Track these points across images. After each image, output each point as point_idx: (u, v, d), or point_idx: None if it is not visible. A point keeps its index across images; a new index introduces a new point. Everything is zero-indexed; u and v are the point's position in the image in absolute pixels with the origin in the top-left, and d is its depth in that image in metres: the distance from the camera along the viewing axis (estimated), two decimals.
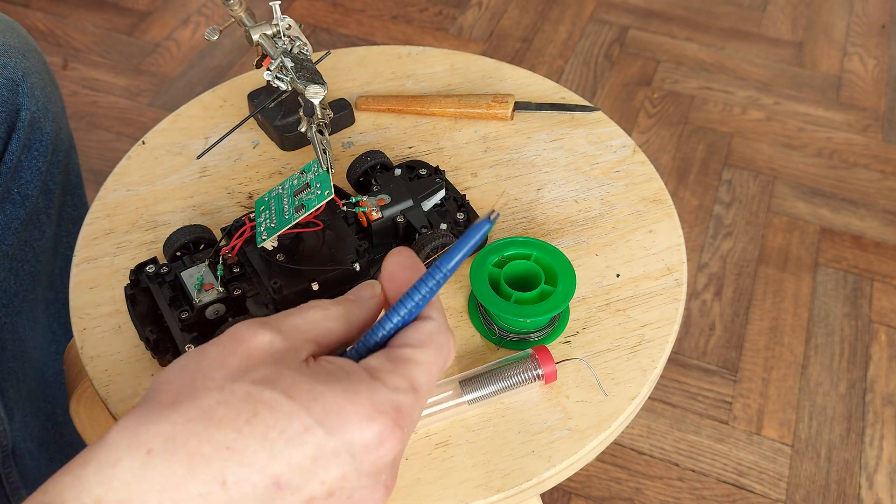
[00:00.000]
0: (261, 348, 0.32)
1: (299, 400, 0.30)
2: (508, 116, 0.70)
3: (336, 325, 0.35)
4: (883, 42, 1.83)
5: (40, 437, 0.79)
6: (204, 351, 0.33)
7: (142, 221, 0.62)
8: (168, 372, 0.33)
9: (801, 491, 1.13)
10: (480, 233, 0.34)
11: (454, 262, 0.34)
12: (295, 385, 0.31)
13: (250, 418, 0.30)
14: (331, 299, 0.37)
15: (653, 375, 0.54)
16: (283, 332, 0.33)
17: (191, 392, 0.31)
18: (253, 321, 0.34)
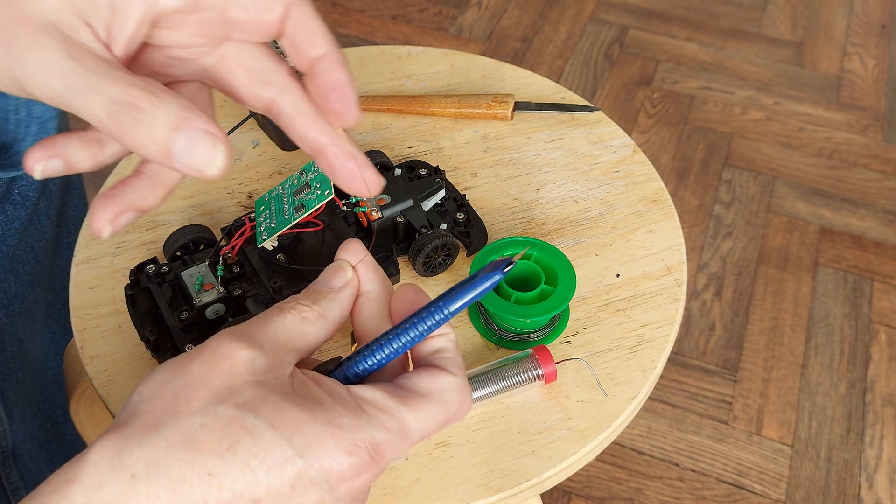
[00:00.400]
0: (243, 365, 0.31)
1: (282, 430, 0.30)
2: (508, 116, 0.70)
3: (314, 327, 0.34)
4: (883, 42, 1.83)
5: (40, 438, 0.79)
6: (186, 366, 0.32)
7: (142, 221, 0.62)
8: (149, 386, 0.32)
9: (801, 491, 1.13)
10: (490, 282, 0.33)
11: (458, 306, 0.33)
12: (278, 413, 0.30)
13: (233, 445, 0.30)
14: (303, 296, 0.36)
15: (653, 375, 0.54)
16: (264, 347, 0.32)
17: (174, 414, 0.30)
18: (233, 334, 0.32)
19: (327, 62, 0.33)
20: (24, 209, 0.70)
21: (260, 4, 0.32)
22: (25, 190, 0.70)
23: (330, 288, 0.36)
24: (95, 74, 0.28)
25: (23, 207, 0.70)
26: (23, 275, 0.72)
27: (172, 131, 0.29)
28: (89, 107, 0.28)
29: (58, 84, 0.28)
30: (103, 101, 0.28)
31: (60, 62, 0.28)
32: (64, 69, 0.28)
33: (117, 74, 0.28)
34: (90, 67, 0.28)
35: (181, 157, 0.29)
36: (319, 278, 0.37)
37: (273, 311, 0.34)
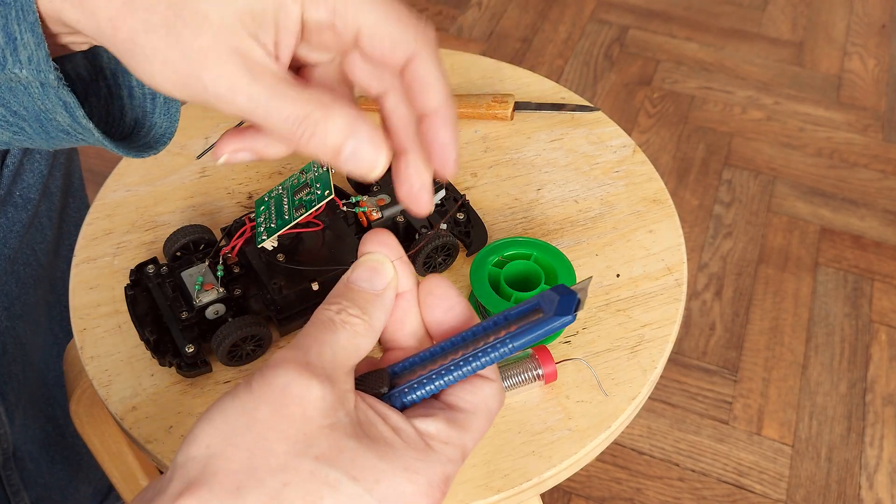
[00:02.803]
0: (315, 408, 0.30)
1: (362, 481, 0.30)
2: (508, 116, 0.70)
3: (365, 341, 0.33)
4: (883, 42, 1.83)
5: (41, 440, 0.79)
6: (254, 413, 0.30)
7: (142, 221, 0.62)
8: (215, 438, 0.30)
9: (802, 491, 1.13)
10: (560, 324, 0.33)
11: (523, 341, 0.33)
12: (356, 462, 0.30)
13: (316, 501, 0.29)
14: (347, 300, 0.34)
15: (653, 375, 0.54)
16: (329, 377, 0.31)
17: (254, 473, 0.29)
18: (296, 365, 0.31)
19: (436, 119, 0.35)
20: (26, 211, 0.70)
21: (386, 46, 0.33)
22: (26, 192, 0.70)
23: (373, 290, 0.34)
24: (276, 95, 0.32)
25: (24, 210, 0.70)
26: (24, 277, 0.72)
27: (342, 140, 0.33)
28: (271, 122, 0.32)
29: (244, 103, 0.32)
30: (284, 117, 0.32)
31: (247, 86, 0.32)
32: (250, 92, 0.32)
33: (294, 92, 0.32)
34: (271, 87, 0.32)
35: (349, 161, 0.33)
36: (355, 276, 0.35)
37: (324, 326, 0.33)
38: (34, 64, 0.34)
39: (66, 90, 0.35)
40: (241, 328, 0.51)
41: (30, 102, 0.36)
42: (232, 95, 0.32)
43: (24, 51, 0.34)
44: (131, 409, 0.52)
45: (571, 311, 0.32)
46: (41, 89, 0.35)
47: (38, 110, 0.37)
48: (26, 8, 0.33)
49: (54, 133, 0.38)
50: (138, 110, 0.41)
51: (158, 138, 0.42)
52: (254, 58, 0.32)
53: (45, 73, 0.34)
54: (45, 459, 0.79)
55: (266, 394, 0.30)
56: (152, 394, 0.52)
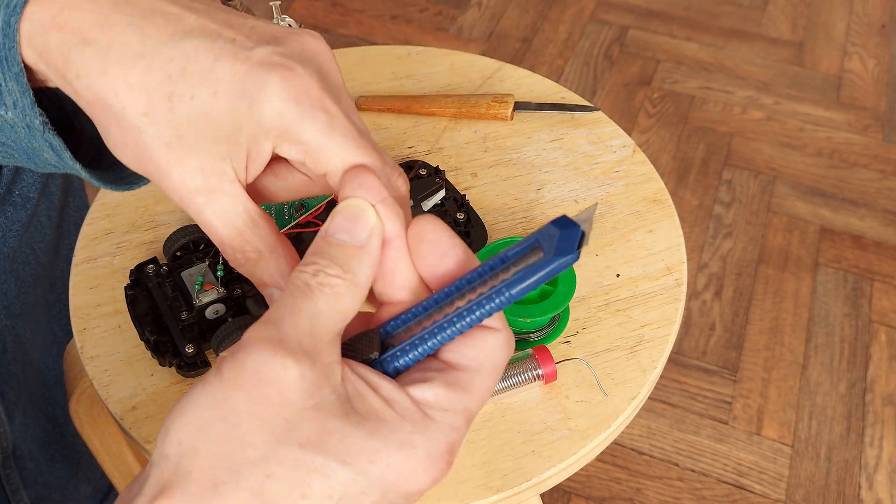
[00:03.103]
0: (295, 389, 0.27)
1: (354, 463, 0.27)
2: (508, 116, 0.70)
3: (348, 302, 0.30)
4: (883, 42, 1.83)
5: (41, 439, 0.79)
6: (227, 403, 0.27)
7: (142, 221, 0.62)
8: (186, 433, 0.27)
9: (801, 491, 1.13)
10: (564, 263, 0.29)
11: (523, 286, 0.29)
12: (346, 444, 0.27)
13: (305, 491, 0.27)
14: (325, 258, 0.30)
15: (653, 375, 0.54)
16: (308, 352, 0.28)
17: (232, 468, 0.27)
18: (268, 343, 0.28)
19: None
20: (25, 211, 0.70)
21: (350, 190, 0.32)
22: (26, 191, 0.70)
23: (354, 243, 0.30)
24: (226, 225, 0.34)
25: (23, 209, 0.70)
26: (23, 276, 0.72)
27: (262, 286, 0.35)
28: (215, 239, 0.35)
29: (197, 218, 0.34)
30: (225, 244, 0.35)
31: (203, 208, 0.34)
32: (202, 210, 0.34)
33: (242, 228, 0.34)
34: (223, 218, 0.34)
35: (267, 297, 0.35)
36: (333, 226, 0.31)
37: (299, 293, 0.29)
38: (19, 109, 0.34)
39: (52, 133, 0.35)
40: (241, 328, 0.51)
41: (17, 140, 0.36)
42: (185, 204, 0.34)
43: (10, 97, 0.34)
44: (131, 409, 0.52)
45: (574, 249, 0.28)
46: (27, 131, 0.35)
47: (26, 147, 0.37)
48: (10, 59, 0.33)
49: (43, 165, 0.38)
50: None
51: None
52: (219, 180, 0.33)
53: (30, 117, 0.35)
54: (45, 458, 0.79)
55: (237, 379, 0.27)
56: (152, 394, 0.52)
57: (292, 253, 0.35)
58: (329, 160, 0.33)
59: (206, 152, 0.33)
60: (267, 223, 0.35)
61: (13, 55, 0.33)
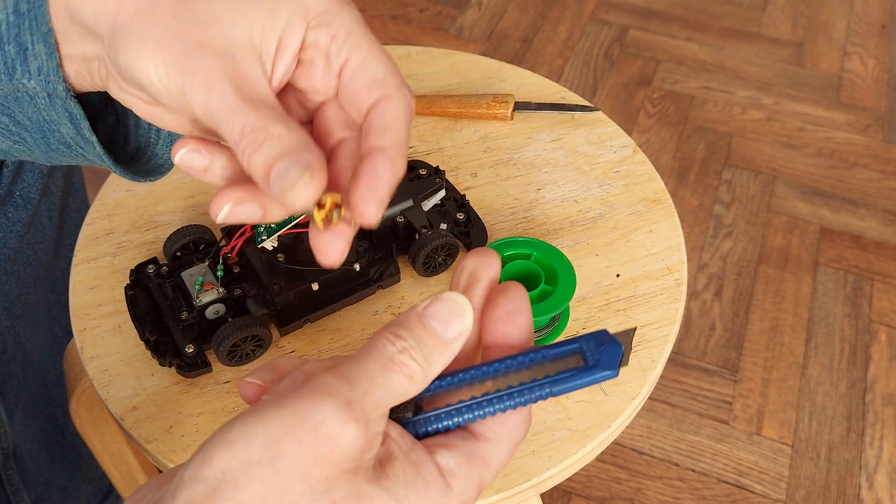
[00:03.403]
0: (345, 451, 0.28)
1: None
2: (508, 116, 0.70)
3: (415, 388, 0.30)
4: (883, 42, 1.83)
5: (41, 439, 0.79)
6: (280, 446, 0.28)
7: (142, 221, 0.62)
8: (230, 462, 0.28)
9: (801, 491, 1.13)
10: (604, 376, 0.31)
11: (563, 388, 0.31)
12: None
13: None
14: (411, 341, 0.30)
15: (653, 375, 0.54)
16: (367, 419, 0.29)
17: None
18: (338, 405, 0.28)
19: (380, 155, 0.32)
20: (26, 211, 0.70)
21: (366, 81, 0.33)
22: (27, 192, 0.70)
23: (443, 337, 0.31)
24: (251, 103, 0.31)
25: (24, 209, 0.70)
26: (24, 277, 0.72)
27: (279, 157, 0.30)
28: (228, 127, 0.31)
29: (215, 103, 0.31)
30: (241, 125, 0.30)
31: (225, 87, 0.31)
32: (224, 92, 0.31)
33: (267, 109, 0.31)
34: (248, 97, 0.31)
35: (273, 181, 0.30)
36: (431, 310, 0.31)
37: (383, 365, 0.30)
38: (43, 74, 0.34)
39: (74, 102, 0.35)
40: (241, 328, 0.51)
41: (34, 113, 0.36)
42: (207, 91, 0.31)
43: (35, 61, 0.34)
44: (131, 409, 0.52)
45: (616, 366, 0.30)
46: (48, 100, 0.35)
47: (42, 121, 0.36)
48: (40, 19, 0.33)
49: (55, 145, 0.38)
50: (142, 140, 0.42)
51: (157, 168, 0.42)
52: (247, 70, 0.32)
53: (53, 84, 0.34)
54: (45, 458, 0.79)
55: (297, 426, 0.28)
56: (152, 394, 0.52)
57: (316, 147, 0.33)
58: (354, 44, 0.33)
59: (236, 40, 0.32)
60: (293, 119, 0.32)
61: (42, 14, 0.33)
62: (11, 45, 0.33)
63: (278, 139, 0.30)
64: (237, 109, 0.31)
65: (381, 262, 0.57)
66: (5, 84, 0.34)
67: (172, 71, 0.31)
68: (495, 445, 0.31)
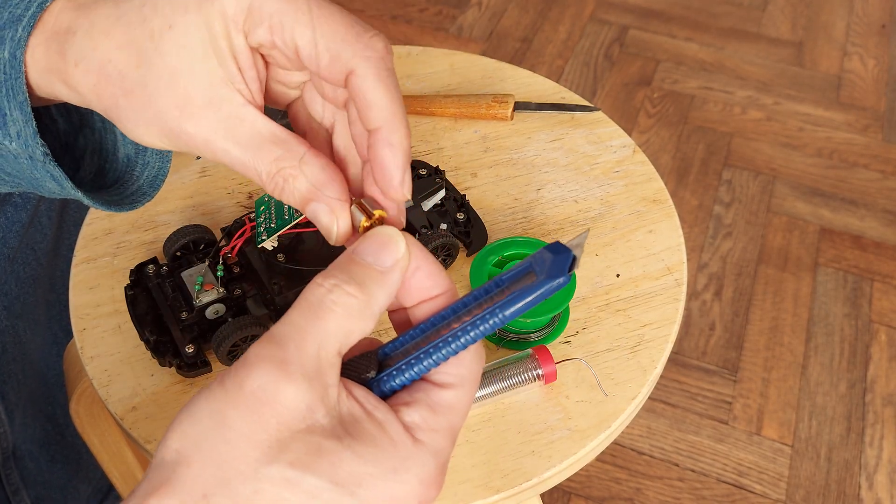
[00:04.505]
0: (291, 411, 0.28)
1: (344, 486, 0.28)
2: (508, 116, 0.70)
3: (359, 324, 0.30)
4: (883, 42, 1.83)
5: (41, 439, 0.79)
6: (224, 419, 0.28)
7: (142, 221, 0.62)
8: (182, 442, 0.28)
9: (801, 491, 1.13)
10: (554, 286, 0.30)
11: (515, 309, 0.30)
12: (337, 466, 0.28)
13: None
14: (345, 275, 0.30)
15: (653, 375, 0.54)
16: (309, 375, 0.28)
17: (222, 482, 0.27)
18: (270, 364, 0.28)
19: (376, 138, 0.34)
20: (25, 211, 0.70)
21: (323, 63, 0.33)
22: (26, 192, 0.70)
23: (378, 267, 0.31)
24: (250, 150, 0.33)
25: (24, 209, 0.70)
26: (24, 276, 0.72)
27: (305, 201, 0.34)
28: (251, 173, 0.33)
29: (224, 158, 0.33)
30: (260, 172, 0.33)
31: (223, 143, 0.33)
32: (225, 148, 0.33)
33: (266, 148, 0.33)
34: (244, 144, 0.33)
35: (312, 218, 0.34)
36: (361, 248, 0.31)
37: (311, 312, 0.29)
38: (22, 139, 0.35)
39: (53, 164, 0.36)
40: (241, 328, 0.51)
41: (20, 171, 0.37)
42: (211, 149, 0.33)
43: (14, 126, 0.35)
44: (131, 409, 0.52)
45: (565, 272, 0.29)
46: (30, 162, 0.36)
47: (29, 177, 0.38)
48: (16, 88, 0.34)
49: (48, 193, 0.39)
50: (130, 146, 0.42)
51: (150, 181, 0.43)
52: (230, 109, 0.33)
53: (32, 147, 0.35)
54: (45, 458, 0.79)
55: (237, 397, 0.28)
56: (152, 394, 0.52)
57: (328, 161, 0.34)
58: (293, 29, 0.33)
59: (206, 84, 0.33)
60: (293, 136, 0.34)
61: (19, 85, 0.34)
62: None
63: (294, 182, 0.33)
64: (246, 161, 0.33)
65: None
66: None
67: (174, 141, 0.34)
68: (459, 389, 0.31)
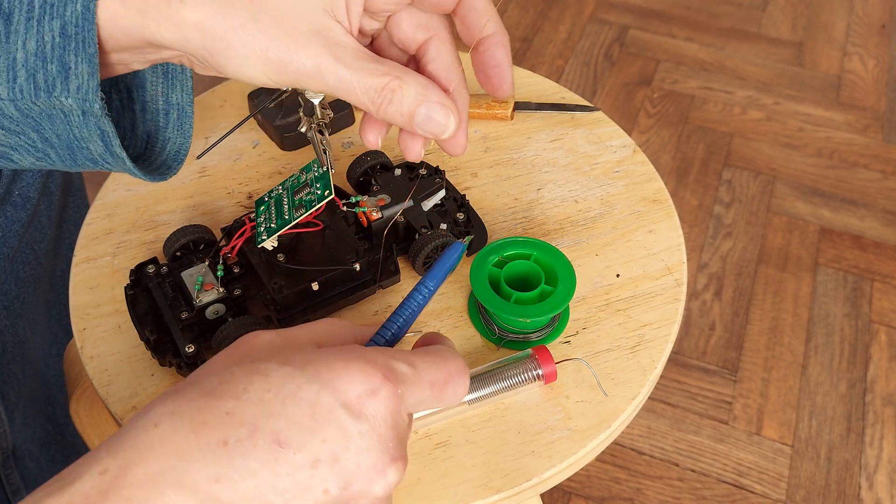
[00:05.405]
0: (261, 344, 0.35)
1: (293, 363, 0.32)
2: (508, 116, 0.70)
3: (341, 332, 0.36)
4: (883, 42, 1.83)
5: (41, 438, 0.79)
6: (214, 357, 0.35)
7: (142, 221, 0.62)
8: (189, 377, 0.35)
9: (801, 491, 1.13)
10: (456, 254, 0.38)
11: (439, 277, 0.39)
12: (290, 354, 0.33)
13: (247, 387, 0.32)
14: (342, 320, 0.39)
15: (653, 375, 0.54)
16: (283, 335, 0.35)
17: (195, 381, 0.33)
18: (258, 330, 0.36)
19: (492, 43, 0.40)
20: (25, 210, 0.70)
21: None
22: (26, 191, 0.70)
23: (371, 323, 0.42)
24: (357, 70, 0.36)
25: (23, 208, 0.70)
26: (23, 276, 0.72)
27: (416, 106, 0.37)
28: (355, 95, 0.36)
29: (332, 81, 0.36)
30: (365, 89, 0.36)
31: (332, 65, 0.36)
32: (335, 70, 0.36)
33: (372, 66, 0.36)
34: (352, 64, 0.36)
35: (422, 125, 0.38)
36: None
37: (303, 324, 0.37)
38: (82, 93, 0.35)
39: (107, 120, 0.36)
40: (241, 328, 0.51)
41: (65, 131, 0.37)
42: (321, 75, 0.36)
43: (76, 80, 0.35)
44: (131, 409, 0.52)
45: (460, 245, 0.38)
46: (81, 118, 0.36)
47: (71, 138, 0.37)
48: (88, 41, 0.34)
49: (81, 161, 0.39)
50: (150, 124, 0.42)
51: (174, 156, 0.43)
52: (334, 37, 0.36)
53: (91, 102, 0.35)
54: (45, 458, 0.79)
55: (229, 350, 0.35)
56: (152, 394, 0.52)
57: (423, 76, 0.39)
58: None
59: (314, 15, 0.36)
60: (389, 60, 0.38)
61: (90, 37, 0.34)
62: (54, 65, 0.34)
63: (402, 91, 0.37)
64: (353, 82, 0.36)
65: (380, 262, 0.57)
66: (43, 100, 0.35)
67: (282, 73, 0.36)
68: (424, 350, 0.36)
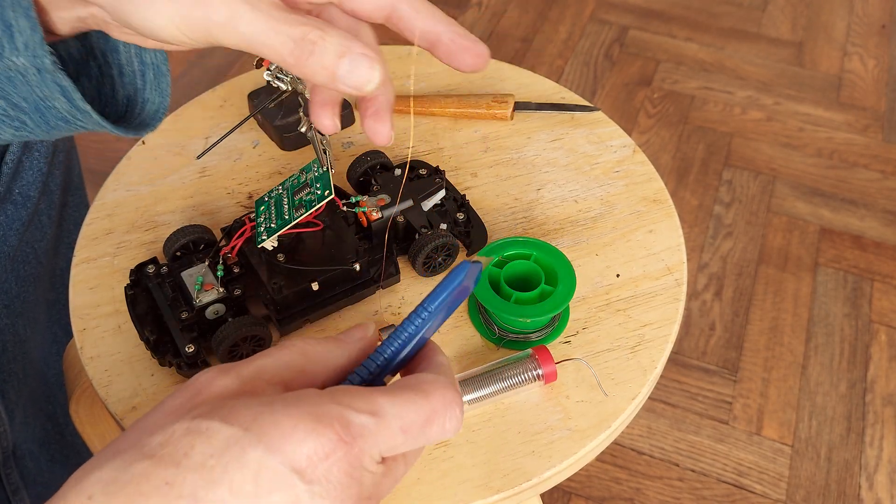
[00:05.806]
0: (210, 388, 0.32)
1: (238, 423, 0.29)
2: (508, 116, 0.70)
3: (312, 366, 0.33)
4: (883, 42, 1.83)
5: (41, 438, 0.79)
6: (163, 402, 0.32)
7: (142, 221, 0.62)
8: (131, 426, 0.32)
9: (802, 491, 1.13)
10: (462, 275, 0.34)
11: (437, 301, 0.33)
12: (235, 411, 0.30)
13: (188, 451, 0.29)
14: (316, 338, 0.35)
15: (653, 375, 0.54)
16: (242, 376, 0.32)
17: (137, 440, 0.30)
18: (216, 367, 0.33)
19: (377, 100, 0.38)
20: (25, 209, 0.70)
21: None
22: (26, 190, 0.70)
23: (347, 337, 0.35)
24: (275, 19, 0.34)
25: (24, 207, 0.70)
26: (24, 275, 0.72)
27: (338, 57, 0.34)
28: (272, 45, 0.34)
29: (246, 30, 0.34)
30: (283, 39, 0.34)
31: (247, 13, 0.34)
32: (250, 18, 0.34)
33: (290, 16, 0.34)
34: (269, 13, 0.34)
35: (344, 78, 0.35)
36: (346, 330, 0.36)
37: (279, 345, 0.34)
38: (30, 49, 0.35)
39: (62, 74, 0.36)
40: (241, 328, 0.51)
41: (28, 92, 0.37)
42: (234, 25, 0.34)
43: (20, 37, 0.35)
44: (131, 409, 0.52)
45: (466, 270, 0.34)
46: (38, 75, 0.36)
47: (36, 99, 0.37)
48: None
49: (54, 122, 0.39)
50: (129, 87, 0.42)
51: (152, 115, 0.43)
52: None
53: (40, 58, 0.35)
54: (45, 458, 0.79)
55: (179, 388, 0.33)
56: (152, 394, 0.52)
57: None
58: None
59: None
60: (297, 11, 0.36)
61: None
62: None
63: (323, 44, 0.34)
64: (269, 31, 0.34)
65: (380, 262, 0.57)
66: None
67: (192, 20, 0.34)
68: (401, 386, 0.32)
